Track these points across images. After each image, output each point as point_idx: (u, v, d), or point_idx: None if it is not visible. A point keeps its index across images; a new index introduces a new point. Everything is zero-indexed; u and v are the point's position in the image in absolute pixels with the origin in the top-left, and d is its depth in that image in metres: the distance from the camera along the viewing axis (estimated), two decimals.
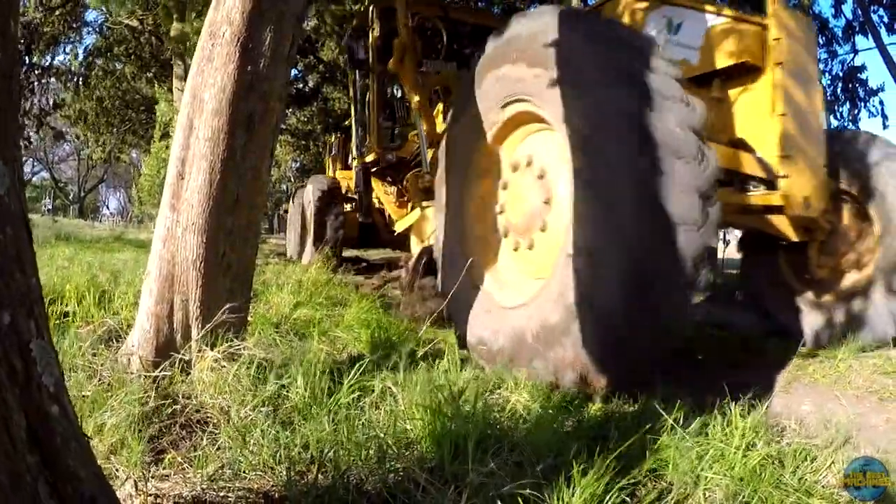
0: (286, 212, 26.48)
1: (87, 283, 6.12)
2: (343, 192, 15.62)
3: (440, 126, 9.60)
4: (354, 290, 8.87)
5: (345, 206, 15.05)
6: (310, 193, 14.79)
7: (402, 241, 13.72)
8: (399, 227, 11.53)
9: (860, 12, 22.65)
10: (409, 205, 11.43)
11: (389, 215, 13.09)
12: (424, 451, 3.02)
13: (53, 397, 1.57)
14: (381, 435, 3.12)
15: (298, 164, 39.97)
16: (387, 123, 12.67)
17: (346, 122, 18.35)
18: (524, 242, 5.53)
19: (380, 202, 13.98)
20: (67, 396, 1.69)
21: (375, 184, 14.06)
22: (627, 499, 2.54)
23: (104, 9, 20.91)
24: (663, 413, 3.58)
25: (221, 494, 2.65)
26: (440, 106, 10.67)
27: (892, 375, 5.77)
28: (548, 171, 5.30)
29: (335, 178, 16.77)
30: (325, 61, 26.84)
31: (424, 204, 8.96)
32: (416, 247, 8.86)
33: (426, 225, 8.56)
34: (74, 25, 25.71)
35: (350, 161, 16.54)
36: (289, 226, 19.96)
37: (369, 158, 12.81)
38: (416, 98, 9.51)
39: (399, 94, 13.31)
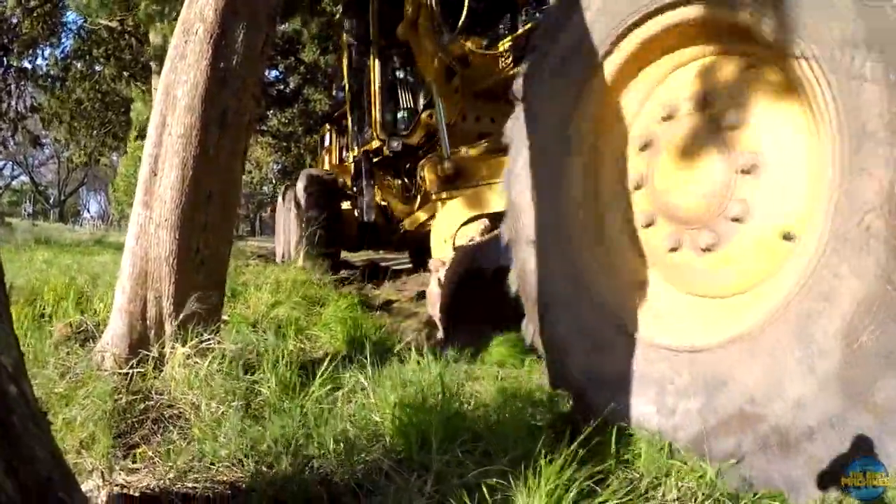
0: (270, 213, 26.24)
1: (66, 285, 6.10)
2: (339, 187, 13.88)
3: (456, 105, 9.05)
4: (334, 290, 8.78)
5: (341, 203, 13.48)
6: (303, 189, 13.11)
7: (405, 243, 13.17)
8: (410, 225, 10.69)
9: None
10: (420, 199, 10.81)
11: (392, 213, 12.13)
12: (393, 442, 3.03)
13: (12, 378, 1.57)
14: (351, 428, 3.13)
15: (280, 166, 39.86)
16: (389, 106, 11.52)
17: (338, 112, 16.75)
18: (697, 239, 3.29)
19: (381, 198, 12.69)
20: (27, 378, 1.70)
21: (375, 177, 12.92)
22: (596, 487, 2.55)
23: (83, 11, 20.77)
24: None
25: (189, 486, 2.66)
26: (457, 81, 9.36)
27: None
28: (747, 115, 3.13)
29: (331, 172, 14.94)
30: (305, 63, 26.79)
31: (445, 195, 8.03)
32: (439, 248, 7.54)
33: (450, 220, 7.57)
34: (53, 28, 25.57)
35: (345, 154, 15.54)
36: (277, 226, 18.50)
37: (372, 147, 11.62)
38: (434, 69, 8.66)
39: (402, 75, 12.27)
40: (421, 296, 9.51)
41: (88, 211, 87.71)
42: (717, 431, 2.87)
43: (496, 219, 6.31)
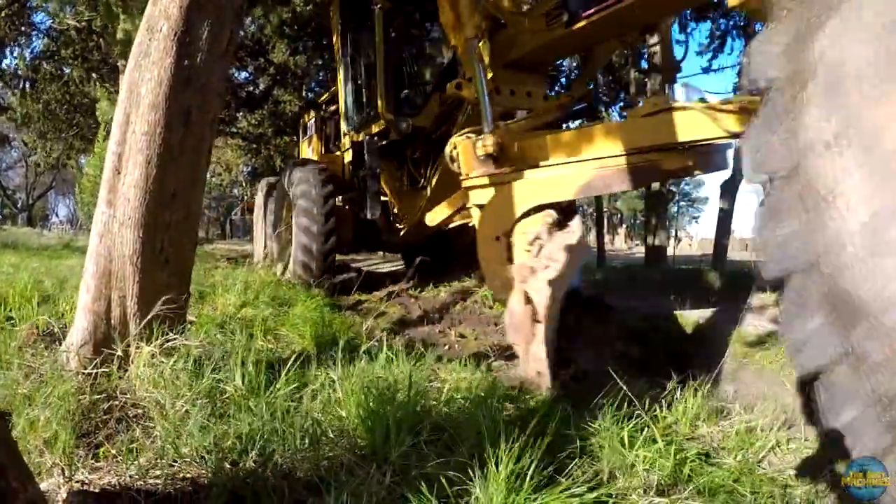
0: (247, 213, 25.71)
1: (32, 288, 6.06)
2: (334, 180, 11.77)
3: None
4: (304, 290, 8.76)
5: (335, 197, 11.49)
6: (299, 182, 11.16)
7: (407, 243, 11.96)
8: (435, 219, 9.10)
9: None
10: (430, 189, 9.52)
11: (394, 208, 11.15)
12: (358, 437, 3.04)
13: None
14: (316, 424, 3.14)
15: (250, 168, 39.73)
16: (395, 82, 10.30)
17: (325, 96, 15.32)
18: None
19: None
20: None
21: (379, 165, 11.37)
22: (558, 476, 2.57)
23: (49, 9, 20.61)
24: (603, 401, 3.64)
25: (151, 483, 2.65)
26: (489, 47, 7.25)
27: None
28: None
29: (321, 163, 12.57)
30: (275, 64, 26.70)
31: (488, 180, 6.15)
32: (489, 248, 5.98)
33: (503, 212, 5.90)
34: (21, 28, 25.36)
35: (335, 142, 13.91)
36: (256, 226, 16.79)
37: (373, 130, 10.26)
38: (474, 24, 6.78)
39: (411, 46, 11.39)
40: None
41: (57, 215, 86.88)
42: None
43: (566, 211, 5.58)
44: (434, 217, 9.13)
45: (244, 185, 46.09)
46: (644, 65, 21.28)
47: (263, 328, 5.26)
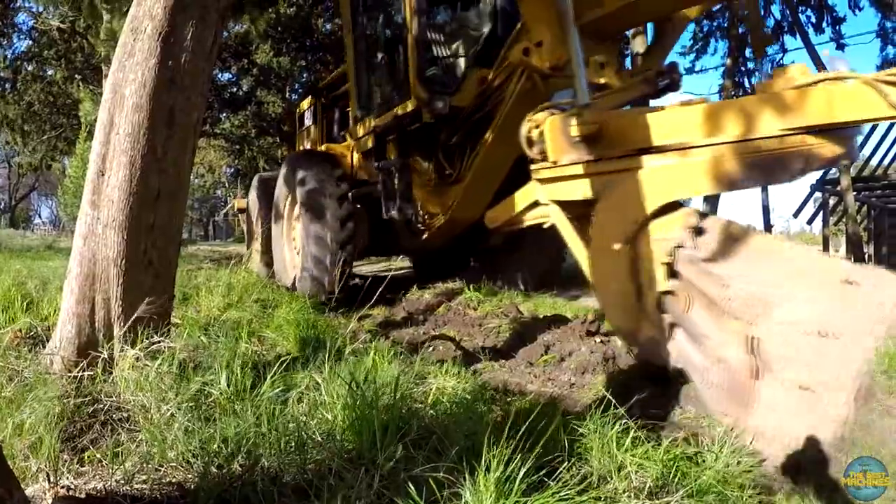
0: (235, 214, 24.98)
1: (15, 290, 6.02)
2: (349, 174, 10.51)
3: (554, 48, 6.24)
4: (286, 291, 8.74)
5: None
6: (308, 179, 9.61)
7: (430, 248, 10.74)
8: (498, 218, 7.32)
9: (788, 12, 23.29)
10: (460, 174, 8.69)
11: (420, 208, 9.28)
12: (345, 440, 3.02)
13: None
14: (303, 427, 3.12)
15: (233, 170, 39.64)
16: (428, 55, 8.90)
17: (328, 79, 13.77)
18: None
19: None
20: None
21: (368, 165, 10.29)
22: (547, 479, 2.57)
23: (34, 9, 20.50)
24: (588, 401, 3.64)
25: (136, 487, 2.63)
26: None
27: None
28: None
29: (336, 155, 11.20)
30: (259, 65, 26.65)
31: (593, 168, 4.77)
32: (606, 259, 4.72)
33: (628, 210, 4.54)
34: (3, 29, 25.22)
35: (339, 132, 12.44)
36: (249, 230, 14.91)
37: (399, 113, 8.74)
38: None
39: (446, 12, 10.01)
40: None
41: (40, 216, 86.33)
42: None
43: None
44: (497, 216, 7.31)
45: (227, 186, 45.92)
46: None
47: (248, 330, 5.24)
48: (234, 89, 29.05)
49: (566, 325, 7.53)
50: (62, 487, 2.58)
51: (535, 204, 6.14)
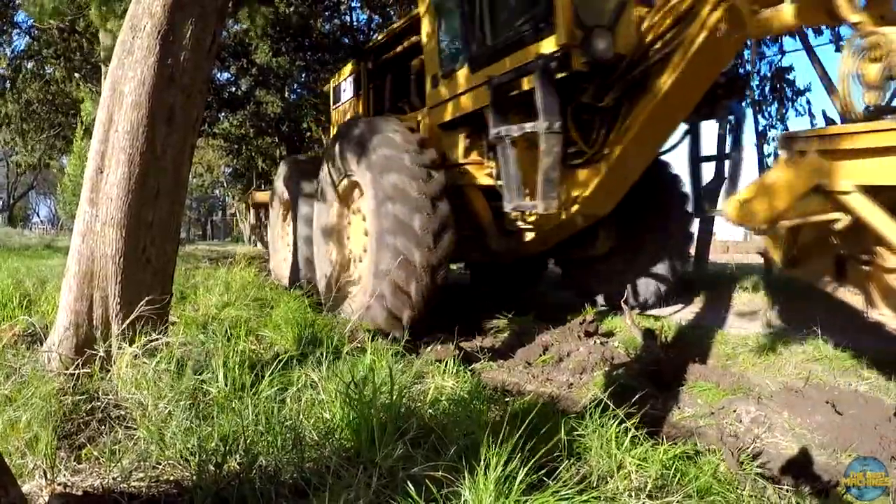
0: (246, 209, 24.43)
1: (13, 288, 6.02)
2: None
3: None
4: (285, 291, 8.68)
5: None
6: (385, 165, 7.22)
7: (523, 254, 8.72)
8: (779, 209, 3.92)
9: None
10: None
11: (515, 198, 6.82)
12: (343, 438, 3.02)
13: None
14: (300, 425, 3.12)
15: (231, 170, 39.60)
16: None
17: (380, 36, 10.97)
18: None
19: (470, 179, 7.89)
20: None
21: (451, 140, 8.26)
22: (546, 479, 2.56)
23: (36, 14, 20.46)
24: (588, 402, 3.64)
25: (134, 485, 2.62)
26: None
27: (821, 362, 5.92)
28: None
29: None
30: (257, 64, 26.60)
31: None
32: None
33: None
34: (2, 27, 25.17)
35: (398, 102, 10.05)
36: (273, 229, 12.58)
37: (539, 51, 6.45)
38: None
39: None
40: None
41: (38, 215, 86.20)
42: None
43: None
44: (776, 206, 3.85)
45: (225, 185, 45.84)
46: None
47: (245, 329, 5.23)
48: (233, 89, 29.01)
49: (564, 325, 7.54)
50: (59, 485, 2.58)
51: (819, 191, 3.80)
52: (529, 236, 7.94)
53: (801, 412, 4.76)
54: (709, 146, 7.46)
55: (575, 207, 7.14)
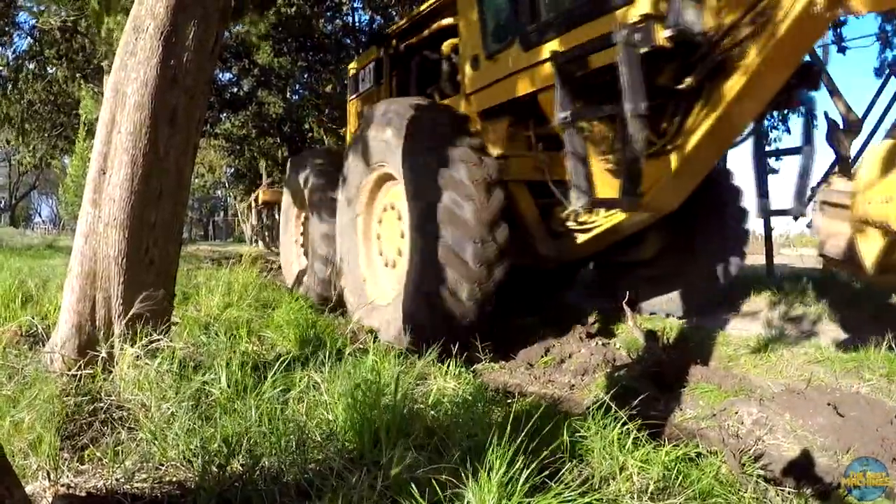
0: (252, 207, 24.18)
1: (15, 288, 6.02)
2: None
3: None
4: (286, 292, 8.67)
5: None
6: (426, 145, 6.62)
7: (570, 259, 7.96)
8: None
9: None
10: None
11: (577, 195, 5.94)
12: (346, 440, 3.02)
13: None
14: (303, 426, 3.12)
15: (233, 170, 39.57)
16: None
17: (404, 22, 10.06)
18: None
19: (515, 173, 7.09)
20: None
21: (493, 130, 7.41)
22: (549, 481, 2.56)
23: (35, 7, 20.45)
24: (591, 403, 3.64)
25: (137, 486, 2.62)
26: None
27: (823, 363, 5.93)
28: None
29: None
30: (259, 65, 26.62)
31: None
32: None
33: None
34: (4, 28, 25.18)
35: (427, 88, 9.05)
36: (285, 228, 11.93)
37: (619, 22, 5.44)
38: None
39: None
40: None
41: (40, 215, 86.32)
42: None
43: None
44: None
45: (227, 186, 45.78)
46: None
47: (248, 329, 5.23)
48: (235, 90, 29.01)
49: (566, 326, 7.53)
50: (62, 486, 2.58)
51: None
52: (581, 239, 7.13)
53: (803, 414, 4.77)
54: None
55: (652, 199, 6.16)
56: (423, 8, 9.29)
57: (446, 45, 8.51)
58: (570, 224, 7.15)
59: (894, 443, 4.15)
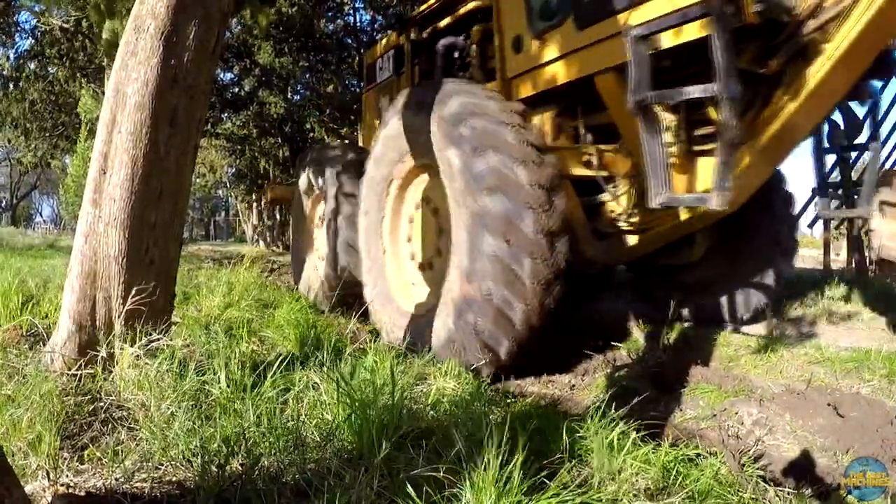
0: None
1: (16, 287, 6.02)
2: None
3: None
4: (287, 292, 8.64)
5: None
6: (479, 136, 5.55)
7: (616, 262, 7.69)
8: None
9: None
10: None
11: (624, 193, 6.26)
12: (344, 440, 3.02)
13: None
14: (302, 427, 3.12)
15: (234, 170, 39.54)
16: None
17: (424, 7, 9.04)
18: None
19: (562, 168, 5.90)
20: None
21: (536, 120, 6.74)
22: (547, 481, 2.56)
23: (37, 7, 20.45)
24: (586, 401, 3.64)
25: (136, 485, 2.63)
26: None
27: (823, 364, 5.93)
28: None
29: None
30: (261, 65, 26.58)
31: None
32: None
33: None
34: (6, 28, 25.19)
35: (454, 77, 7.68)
36: (296, 231, 11.24)
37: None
38: None
39: None
40: None
41: (41, 215, 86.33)
42: None
43: None
44: None
45: (228, 186, 45.70)
46: None
47: (248, 330, 5.23)
48: (236, 89, 28.98)
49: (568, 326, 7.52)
50: (62, 485, 2.58)
51: None
52: (632, 240, 6.63)
53: (803, 414, 4.77)
54: None
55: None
56: None
57: (476, 29, 7.82)
58: (622, 224, 6.57)
59: (894, 443, 4.16)
